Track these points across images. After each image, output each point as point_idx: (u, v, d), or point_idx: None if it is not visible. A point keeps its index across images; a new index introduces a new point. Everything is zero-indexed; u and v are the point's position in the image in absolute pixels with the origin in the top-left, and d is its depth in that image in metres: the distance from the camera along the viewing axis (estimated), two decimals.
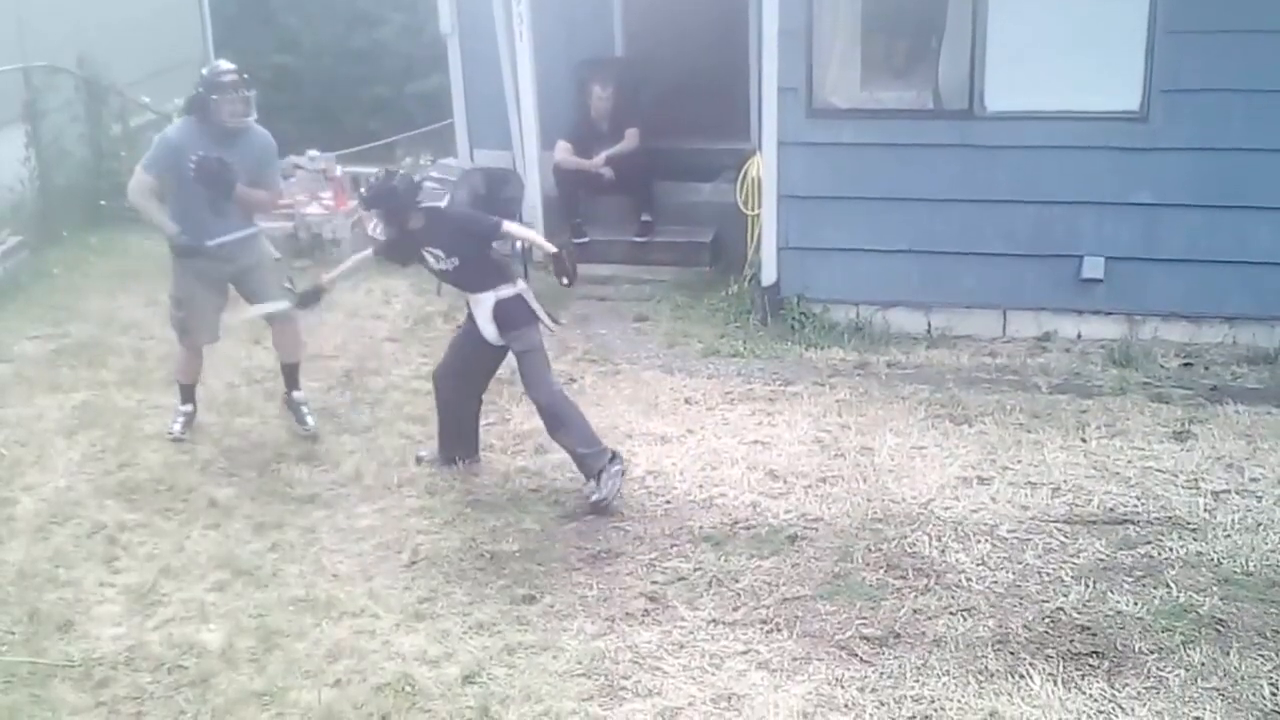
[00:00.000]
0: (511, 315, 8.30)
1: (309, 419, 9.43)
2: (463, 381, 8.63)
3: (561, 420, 8.28)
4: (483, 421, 9.39)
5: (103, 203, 14.96)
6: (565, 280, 8.55)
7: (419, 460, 8.82)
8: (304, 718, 6.23)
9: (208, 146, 8.77)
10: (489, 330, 8.30)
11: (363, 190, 8.42)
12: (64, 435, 9.35)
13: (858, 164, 10.90)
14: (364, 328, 11.55)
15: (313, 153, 14.85)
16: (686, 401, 9.74)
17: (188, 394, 9.45)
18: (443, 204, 8.51)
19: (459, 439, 8.75)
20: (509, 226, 8.50)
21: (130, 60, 16.06)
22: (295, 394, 9.62)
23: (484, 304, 8.27)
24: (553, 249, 8.55)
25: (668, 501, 8.26)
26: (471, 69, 14.03)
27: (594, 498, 8.12)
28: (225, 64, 9.04)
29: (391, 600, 7.20)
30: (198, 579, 7.49)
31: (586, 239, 13.20)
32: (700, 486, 8.42)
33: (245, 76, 8.96)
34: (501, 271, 8.41)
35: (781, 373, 10.27)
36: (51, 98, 14.76)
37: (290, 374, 9.66)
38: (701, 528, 7.89)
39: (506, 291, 8.30)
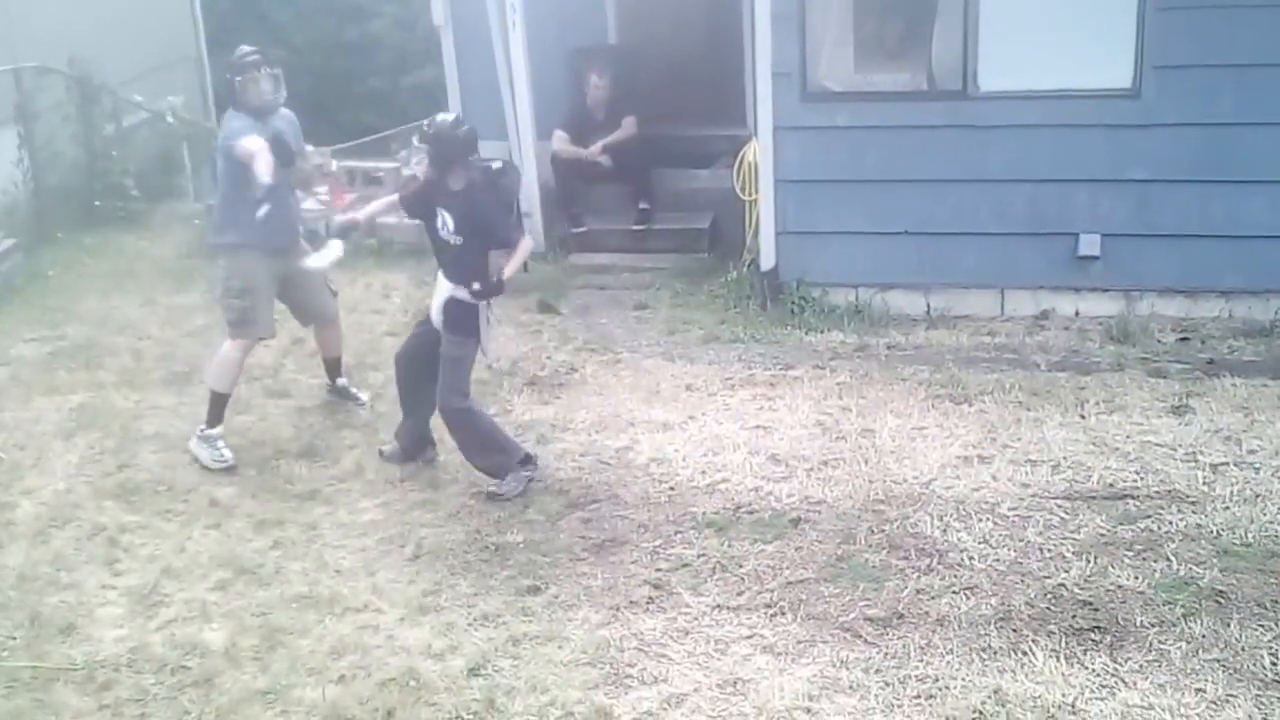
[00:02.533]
0: (458, 318, 8.24)
1: (360, 395, 9.76)
2: (414, 363, 8.56)
3: (457, 431, 8.38)
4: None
5: (97, 203, 14.98)
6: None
7: (380, 455, 8.87)
8: (309, 715, 6.24)
9: (261, 129, 8.68)
10: (435, 316, 8.32)
11: (425, 124, 8.33)
12: (62, 438, 9.34)
13: (853, 147, 10.89)
14: (363, 322, 11.54)
15: (307, 148, 14.83)
16: (688, 388, 9.75)
17: (220, 410, 9.03)
18: (496, 171, 8.34)
19: (414, 431, 8.75)
20: (521, 247, 8.33)
21: (121, 59, 16.02)
22: (340, 381, 9.84)
23: (442, 292, 8.27)
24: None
25: (670, 488, 8.27)
26: (465, 60, 14.02)
27: (490, 488, 8.27)
28: (246, 46, 9.07)
29: (395, 594, 7.21)
30: (199, 579, 7.49)
31: (585, 228, 13.22)
32: (703, 472, 8.43)
33: (268, 56, 8.98)
34: (479, 276, 8.25)
35: (782, 357, 10.27)
36: (43, 98, 14.73)
37: (333, 366, 9.85)
38: (704, 514, 7.90)
39: (464, 296, 8.20)
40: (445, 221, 8.23)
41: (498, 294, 8.33)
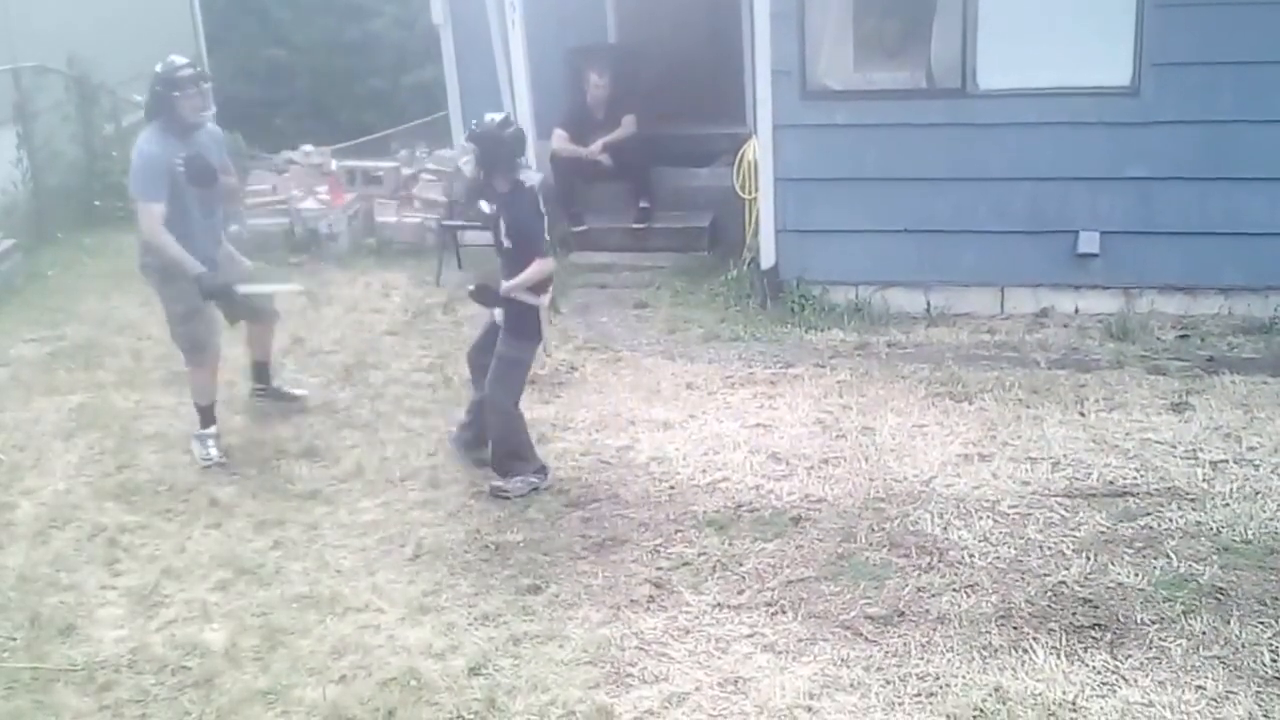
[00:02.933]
0: (517, 321, 8.17)
1: (296, 390, 9.65)
2: (484, 357, 8.45)
3: (495, 426, 8.32)
4: None
5: (96, 203, 14.99)
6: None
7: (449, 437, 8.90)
8: (309, 715, 6.23)
9: (179, 148, 8.57)
10: (498, 313, 8.28)
11: (473, 123, 8.27)
12: (62, 438, 9.34)
13: (853, 145, 10.90)
14: (363, 321, 11.55)
15: (307, 147, 14.86)
16: (688, 386, 9.75)
17: (208, 415, 9.09)
18: (532, 182, 8.21)
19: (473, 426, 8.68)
20: (539, 267, 8.06)
21: (120, 59, 16.00)
22: (274, 383, 9.73)
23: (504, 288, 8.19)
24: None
25: (671, 487, 8.26)
26: (465, 60, 14.04)
27: (494, 483, 8.27)
28: (179, 59, 8.84)
29: (396, 594, 7.20)
30: (200, 579, 7.48)
31: (585, 226, 13.23)
32: (703, 471, 8.43)
33: (203, 70, 8.78)
34: (543, 285, 8.19)
35: (782, 355, 10.28)
36: (42, 98, 14.74)
37: (261, 370, 9.68)
38: (705, 512, 7.90)
39: (527, 299, 8.11)
40: (496, 227, 8.21)
41: (489, 304, 8.29)
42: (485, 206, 8.31)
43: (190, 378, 9.14)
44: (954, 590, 6.91)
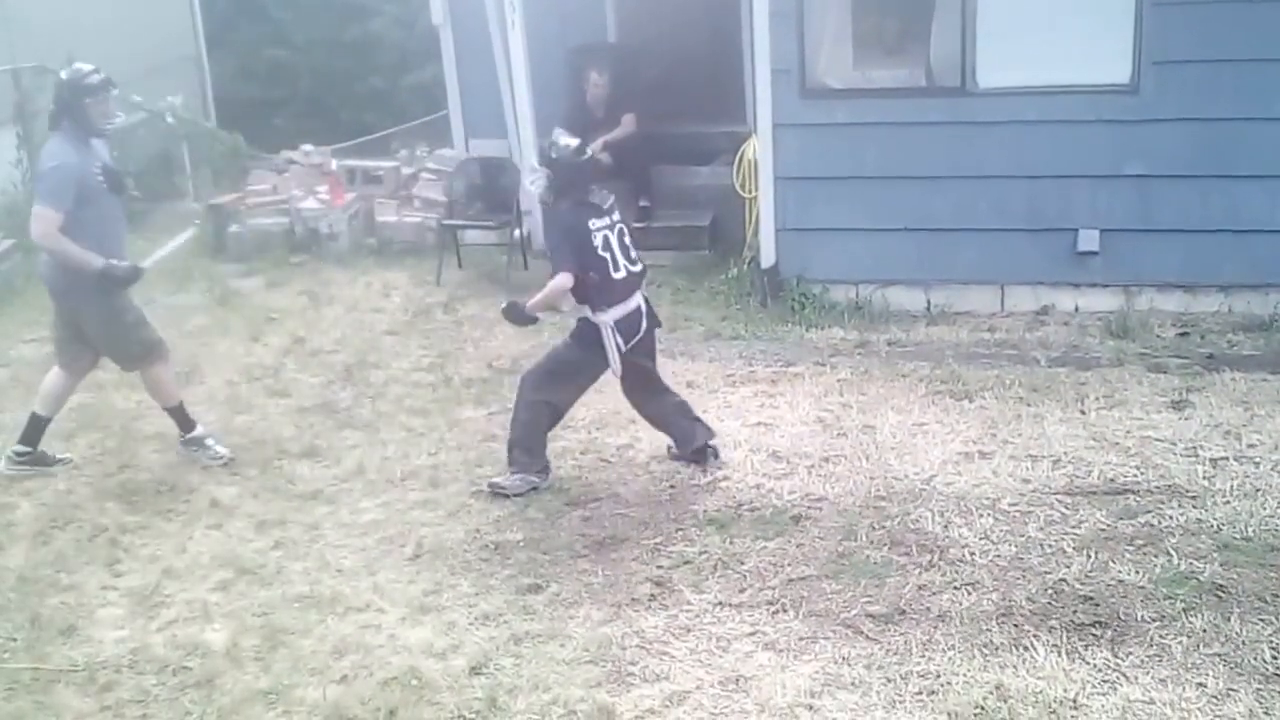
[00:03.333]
0: (580, 331, 8.21)
1: (218, 447, 9.01)
2: (631, 386, 8.52)
3: (521, 408, 8.29)
4: (484, 411, 9.48)
5: None
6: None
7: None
8: (310, 715, 6.22)
9: (92, 157, 8.45)
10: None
11: (547, 146, 8.43)
12: (62, 438, 9.30)
13: (852, 144, 10.91)
14: (363, 321, 11.56)
15: (307, 147, 14.88)
16: (689, 385, 9.73)
17: (183, 415, 9.02)
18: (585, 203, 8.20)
19: (684, 435, 8.60)
20: (554, 283, 8.01)
21: (121, 59, 15.97)
22: (194, 433, 9.05)
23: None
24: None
25: (672, 486, 8.27)
26: (465, 59, 14.06)
27: (495, 479, 8.26)
28: (86, 66, 8.56)
29: (397, 594, 7.20)
30: (200, 579, 7.47)
31: None
32: (704, 470, 8.42)
33: (108, 76, 8.57)
34: (592, 300, 8.10)
35: (783, 354, 10.29)
36: (42, 98, 14.69)
37: (179, 416, 9.05)
38: (706, 511, 7.89)
39: (587, 314, 8.13)
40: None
41: (517, 321, 8.41)
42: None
43: (155, 382, 8.95)
44: (955, 588, 6.91)
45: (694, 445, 8.46)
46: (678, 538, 7.61)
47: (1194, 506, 7.55)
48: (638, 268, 8.30)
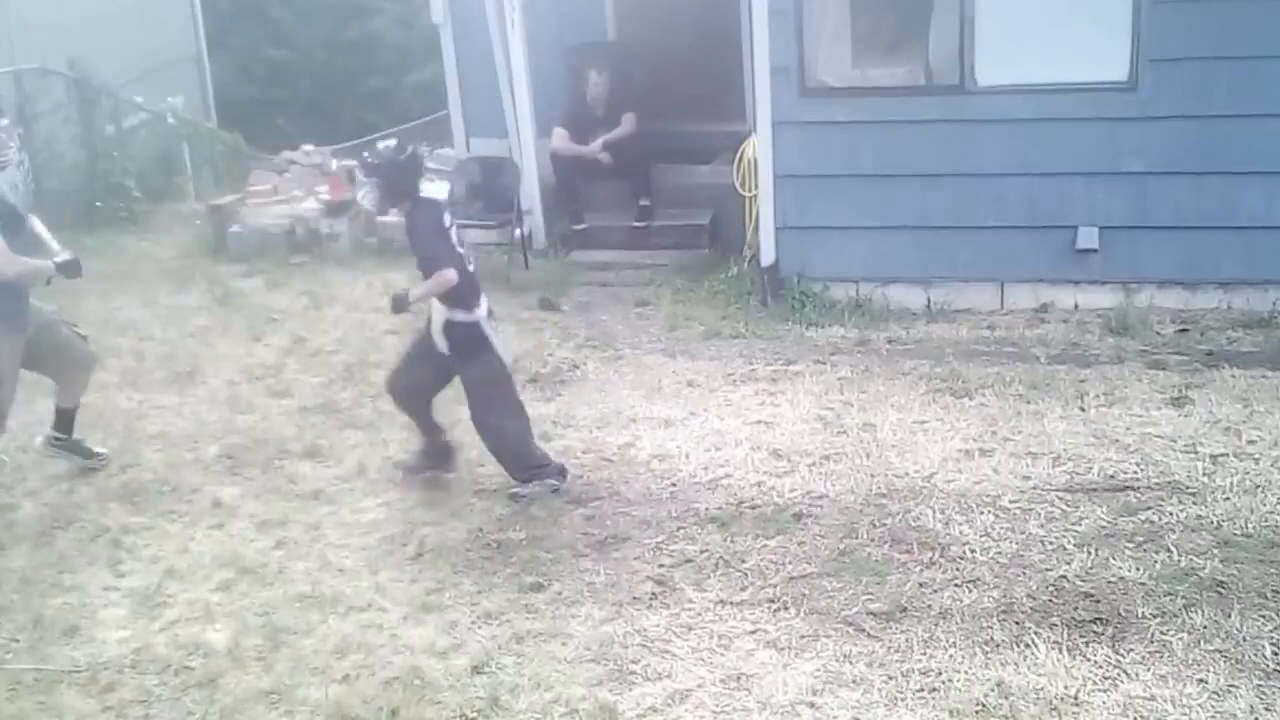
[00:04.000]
0: (461, 342, 8.06)
1: (96, 448, 8.96)
2: (411, 388, 8.43)
3: (491, 444, 8.25)
4: None
5: (98, 204, 15.01)
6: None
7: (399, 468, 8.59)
8: (313, 715, 6.23)
9: None
10: (440, 341, 8.11)
11: (367, 154, 8.22)
12: None
13: (852, 142, 10.92)
14: (364, 321, 11.56)
15: (308, 147, 14.89)
16: (689, 384, 9.76)
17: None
18: (435, 195, 8.05)
19: (431, 449, 8.53)
20: (437, 279, 7.79)
21: (121, 60, 16.05)
22: (72, 436, 8.94)
23: (436, 315, 8.07)
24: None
25: (673, 484, 8.27)
26: (465, 58, 14.07)
27: (514, 489, 8.19)
28: None
29: (398, 593, 7.21)
30: (203, 579, 7.49)
31: (585, 225, 13.26)
32: (705, 468, 8.44)
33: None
34: (457, 295, 7.93)
35: (783, 352, 10.30)
36: (43, 100, 14.78)
37: (65, 418, 8.90)
38: (707, 509, 7.90)
39: (460, 315, 8.00)
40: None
41: (399, 310, 8.15)
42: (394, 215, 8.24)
43: None
44: (956, 585, 6.92)
45: (432, 466, 8.46)
46: (679, 536, 7.62)
47: (1194, 503, 7.56)
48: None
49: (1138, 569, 6.91)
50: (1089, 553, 7.11)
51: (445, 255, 7.87)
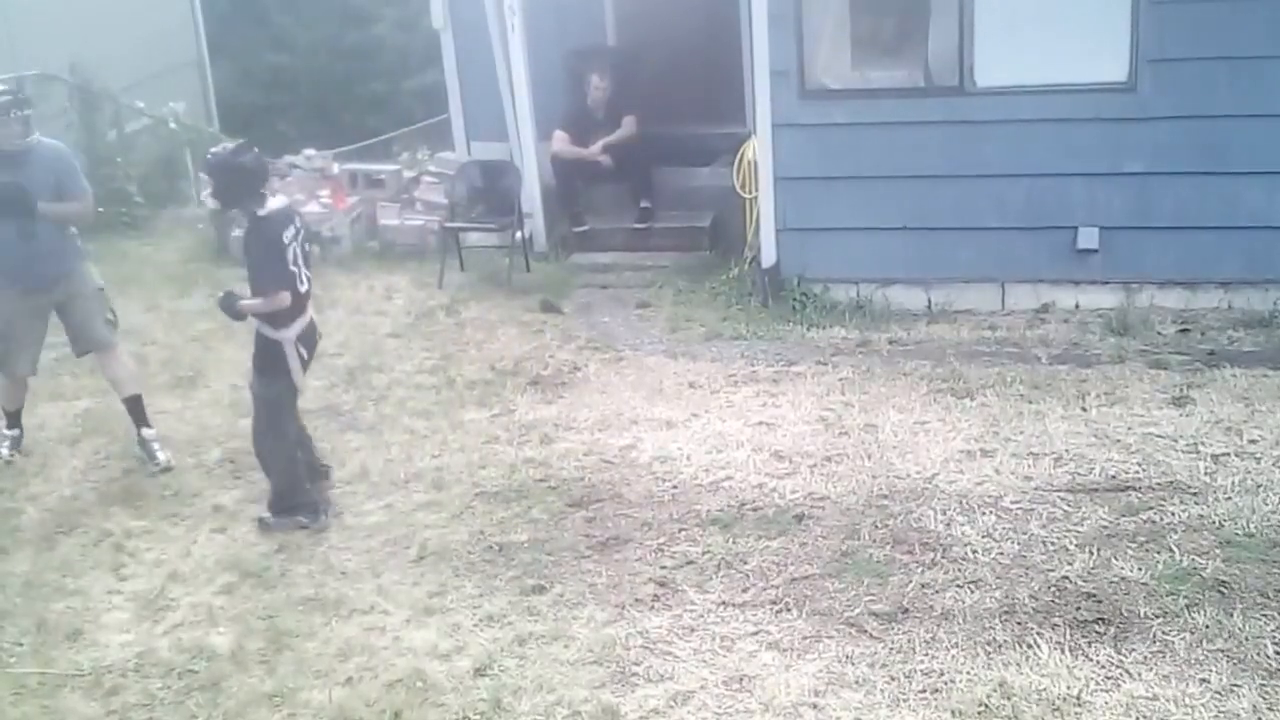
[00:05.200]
0: (262, 355, 7.95)
1: (159, 454, 9.06)
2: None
3: (267, 467, 8.13)
4: (487, 413, 9.48)
5: (100, 209, 14.94)
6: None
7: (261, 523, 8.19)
8: (316, 718, 6.25)
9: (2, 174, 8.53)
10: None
11: (210, 152, 8.06)
12: (67, 443, 9.38)
13: (851, 144, 10.91)
14: (366, 324, 11.57)
15: (309, 151, 14.89)
16: (690, 385, 9.77)
17: (13, 419, 9.32)
18: (268, 210, 7.77)
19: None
20: (266, 300, 7.69)
21: (123, 65, 16.08)
22: (145, 431, 9.18)
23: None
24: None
25: (674, 486, 8.28)
26: (465, 62, 14.08)
27: (262, 514, 8.09)
28: None
29: (401, 596, 7.23)
30: (205, 583, 7.51)
31: (586, 227, 13.27)
32: (706, 470, 8.44)
33: (21, 96, 8.75)
34: (280, 317, 7.79)
35: (784, 353, 10.30)
36: (45, 106, 14.72)
37: (134, 408, 9.23)
38: (709, 511, 7.91)
39: (266, 330, 7.83)
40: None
41: (230, 313, 7.98)
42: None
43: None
44: (958, 586, 6.93)
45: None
46: (681, 538, 7.63)
47: (1196, 503, 7.56)
48: (311, 275, 8.00)
49: (1140, 569, 6.91)
50: (1091, 553, 7.11)
51: (274, 276, 7.69)
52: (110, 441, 9.36)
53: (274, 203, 7.87)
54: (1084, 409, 8.89)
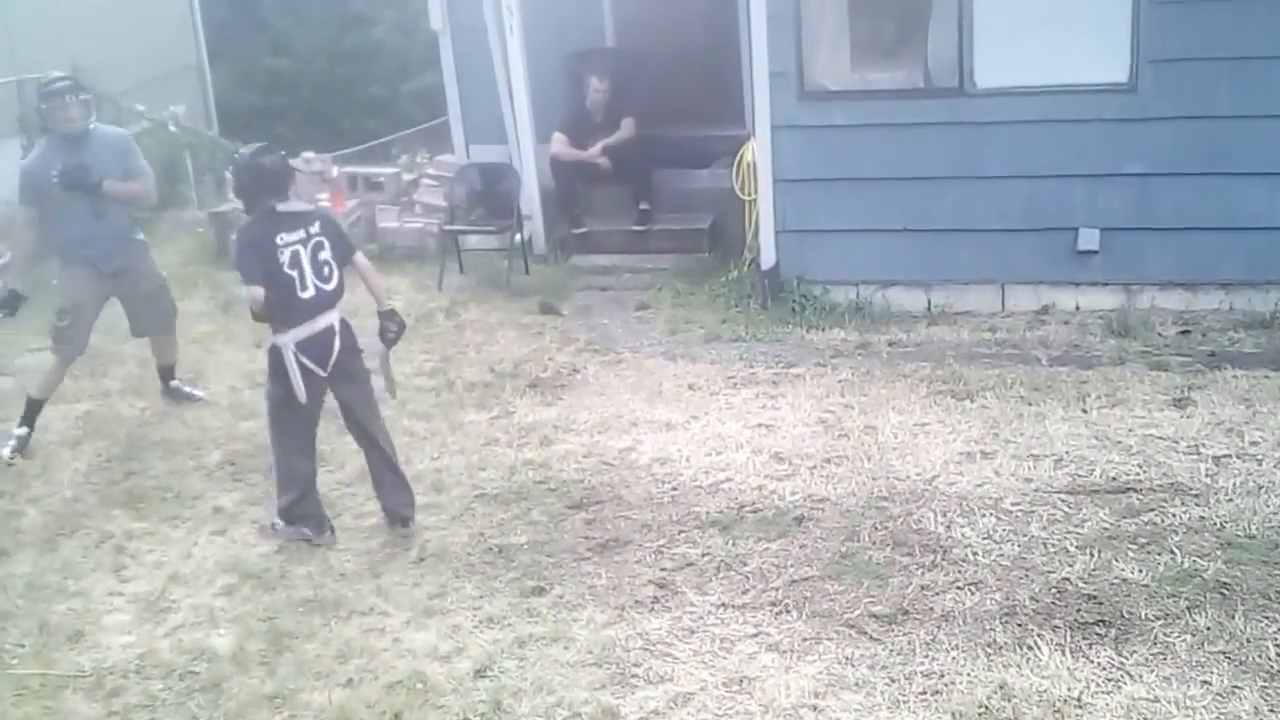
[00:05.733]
0: (269, 358, 7.87)
1: (195, 391, 10.00)
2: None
3: (275, 470, 8.04)
4: (487, 415, 9.48)
5: None
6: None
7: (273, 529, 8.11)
8: (316, 719, 6.25)
9: (62, 158, 8.98)
10: None
11: (236, 153, 8.08)
12: (69, 446, 9.38)
13: (851, 145, 10.92)
14: (366, 327, 11.54)
15: (308, 154, 14.90)
16: (690, 387, 9.77)
17: (30, 415, 9.49)
18: (262, 216, 7.68)
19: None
20: (251, 294, 7.60)
21: (123, 69, 16.09)
22: (173, 382, 10.09)
23: None
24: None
25: (674, 488, 8.27)
26: (464, 65, 14.10)
27: (269, 521, 8.04)
28: (56, 73, 9.32)
29: (401, 597, 7.22)
30: (206, 584, 7.51)
31: (585, 229, 13.27)
32: (706, 472, 8.43)
33: (78, 82, 9.26)
34: (270, 314, 7.68)
35: (784, 355, 10.30)
36: None
37: (168, 373, 10.10)
38: (708, 513, 7.90)
39: (272, 335, 7.76)
40: None
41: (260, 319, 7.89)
42: None
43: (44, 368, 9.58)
44: (958, 588, 6.91)
45: (385, 506, 8.05)
46: (680, 540, 7.62)
47: (1197, 504, 7.54)
48: (331, 285, 7.78)
49: (1140, 571, 6.90)
50: (1091, 555, 7.10)
51: (245, 271, 7.68)
52: (111, 444, 9.37)
53: (288, 206, 7.78)
54: (1084, 410, 8.88)
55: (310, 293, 7.68)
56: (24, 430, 9.38)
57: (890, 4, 11.22)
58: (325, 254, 7.77)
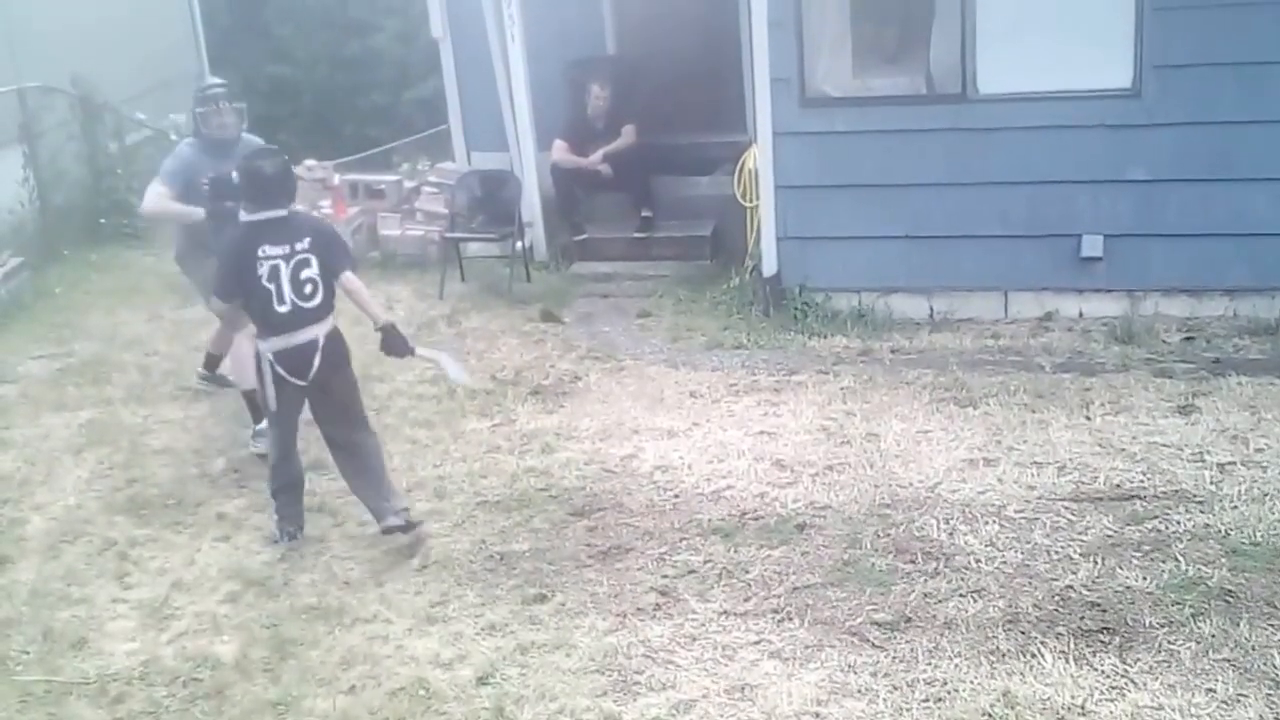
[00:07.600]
0: (256, 363, 7.88)
1: (231, 378, 9.80)
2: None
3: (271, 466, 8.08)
4: (488, 422, 9.47)
5: (102, 220, 15.05)
6: None
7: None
8: None
9: (212, 163, 8.90)
10: None
11: (243, 156, 7.98)
12: (71, 453, 9.38)
13: (853, 152, 10.90)
14: (367, 334, 11.52)
15: (309, 162, 14.86)
16: (692, 395, 9.76)
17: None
18: (247, 225, 7.68)
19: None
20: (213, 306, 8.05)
21: (124, 77, 16.10)
22: (218, 370, 10.12)
23: None
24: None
25: (676, 495, 8.26)
26: (465, 72, 14.11)
27: (272, 524, 8.08)
28: (213, 78, 9.29)
29: (403, 605, 7.21)
30: (209, 591, 7.51)
31: (586, 236, 13.27)
32: (708, 479, 8.43)
33: (232, 89, 9.15)
34: (255, 325, 7.82)
35: (786, 362, 10.29)
36: (47, 118, 14.80)
37: (214, 361, 10.12)
38: (710, 520, 7.89)
39: (257, 345, 7.80)
40: None
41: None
42: None
43: (239, 353, 9.27)
44: (961, 595, 6.90)
45: (383, 524, 7.84)
46: (682, 547, 7.61)
47: (1201, 512, 7.53)
48: (313, 303, 7.74)
49: (1145, 578, 6.89)
50: (1095, 562, 7.09)
51: (219, 279, 7.81)
52: (114, 451, 9.36)
53: (278, 213, 7.69)
54: (1088, 417, 8.87)
55: (287, 308, 7.65)
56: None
57: (892, 10, 11.20)
58: (310, 271, 7.72)
